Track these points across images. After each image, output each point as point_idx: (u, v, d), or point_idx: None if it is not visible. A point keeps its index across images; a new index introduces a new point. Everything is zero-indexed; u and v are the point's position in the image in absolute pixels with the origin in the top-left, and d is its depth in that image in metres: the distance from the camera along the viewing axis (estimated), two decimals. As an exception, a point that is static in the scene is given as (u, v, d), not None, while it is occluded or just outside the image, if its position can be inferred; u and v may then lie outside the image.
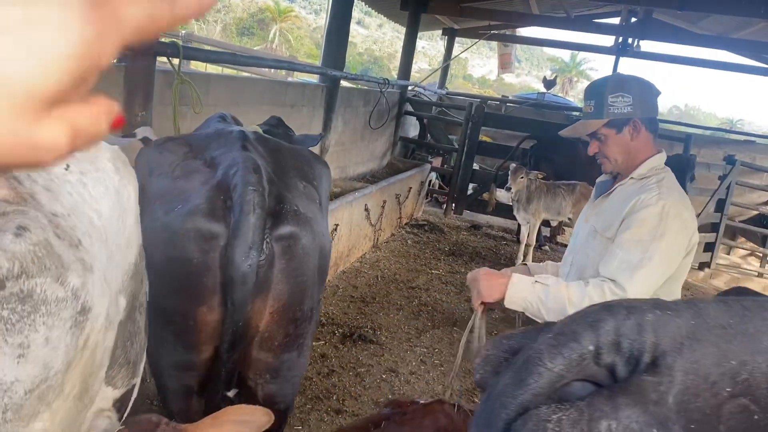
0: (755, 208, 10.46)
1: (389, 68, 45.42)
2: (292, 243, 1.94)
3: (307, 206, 2.05)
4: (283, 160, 2.20)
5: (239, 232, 1.81)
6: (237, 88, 5.63)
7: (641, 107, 2.17)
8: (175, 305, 1.95)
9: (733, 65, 11.83)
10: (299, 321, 2.02)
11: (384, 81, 8.89)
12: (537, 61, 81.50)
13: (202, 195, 1.94)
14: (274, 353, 2.02)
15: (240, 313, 1.86)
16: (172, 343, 2.00)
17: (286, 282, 1.95)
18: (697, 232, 2.17)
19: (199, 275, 1.89)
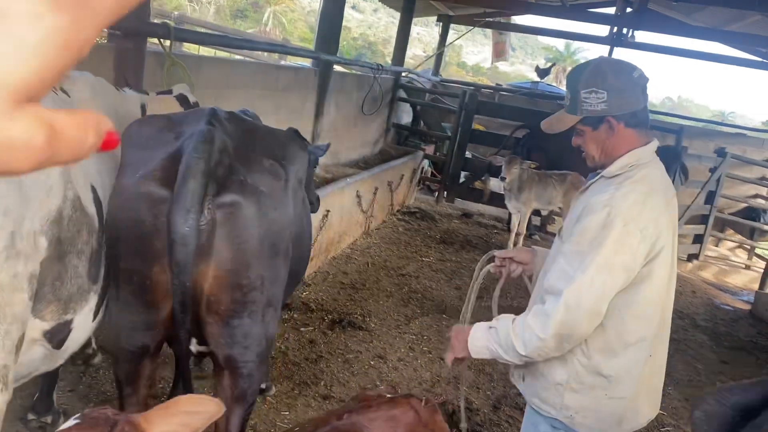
0: (744, 201, 10.53)
1: (383, 54, 45.19)
2: (234, 210, 2.03)
3: (263, 180, 2.14)
4: (252, 138, 2.30)
5: (179, 196, 1.94)
6: (229, 71, 5.58)
7: (618, 104, 2.00)
8: (133, 265, 2.10)
9: (726, 57, 11.83)
10: (246, 289, 2.11)
11: (378, 66, 8.84)
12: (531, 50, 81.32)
13: (158, 162, 2.08)
14: (221, 317, 2.12)
15: (185, 273, 1.96)
16: (132, 302, 2.14)
17: (229, 248, 2.04)
18: (669, 231, 2.01)
19: (151, 237, 2.02)
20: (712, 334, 6.42)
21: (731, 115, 48.77)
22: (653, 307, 2.07)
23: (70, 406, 3.13)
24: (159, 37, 3.88)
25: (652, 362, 2.13)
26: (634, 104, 2.02)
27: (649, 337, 2.08)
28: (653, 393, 2.21)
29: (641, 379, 2.11)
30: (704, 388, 4.97)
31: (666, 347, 2.21)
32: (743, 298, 8.64)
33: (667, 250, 2.01)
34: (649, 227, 1.93)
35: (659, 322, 2.11)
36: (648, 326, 2.08)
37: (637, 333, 2.05)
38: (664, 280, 2.07)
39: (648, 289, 2.02)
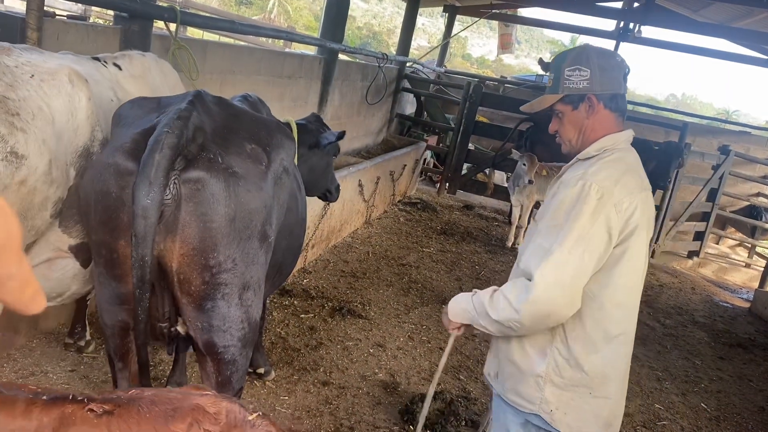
0: (746, 199, 10.52)
1: (388, 44, 45.00)
2: (199, 187, 2.00)
3: (239, 162, 2.11)
4: (237, 123, 2.27)
5: (144, 168, 1.90)
6: (234, 56, 5.56)
7: (600, 82, 1.99)
8: (102, 238, 2.08)
9: (732, 55, 11.78)
10: (215, 269, 2.08)
11: (383, 56, 8.81)
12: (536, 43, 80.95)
13: (130, 136, 2.06)
14: (194, 299, 2.10)
15: (144, 246, 1.92)
16: (104, 275, 2.13)
17: (195, 225, 2.01)
18: (644, 216, 1.95)
19: (116, 209, 2.00)
20: (711, 331, 6.43)
21: (735, 113, 48.56)
22: (632, 295, 2.03)
23: (71, 385, 3.15)
24: (165, 20, 3.87)
25: (628, 366, 2.14)
26: (615, 86, 2.02)
27: (630, 331, 2.07)
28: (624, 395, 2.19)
29: (626, 378, 2.11)
30: (701, 384, 4.99)
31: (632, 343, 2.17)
32: (742, 296, 8.66)
33: (641, 233, 1.95)
34: (623, 202, 1.90)
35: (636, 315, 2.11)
36: (629, 317, 2.06)
37: (620, 325, 2.01)
38: (639, 267, 2.01)
39: (624, 272, 1.95)
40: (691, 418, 4.40)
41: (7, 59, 2.07)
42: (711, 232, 9.64)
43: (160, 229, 1.98)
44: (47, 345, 3.47)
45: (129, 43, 3.80)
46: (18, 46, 2.29)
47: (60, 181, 2.12)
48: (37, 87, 2.05)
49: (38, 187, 2.02)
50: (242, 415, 1.37)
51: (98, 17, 9.97)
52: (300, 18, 43.39)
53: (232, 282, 2.15)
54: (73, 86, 2.17)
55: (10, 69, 2.05)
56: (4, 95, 1.93)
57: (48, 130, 2.02)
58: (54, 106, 2.08)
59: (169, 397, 1.38)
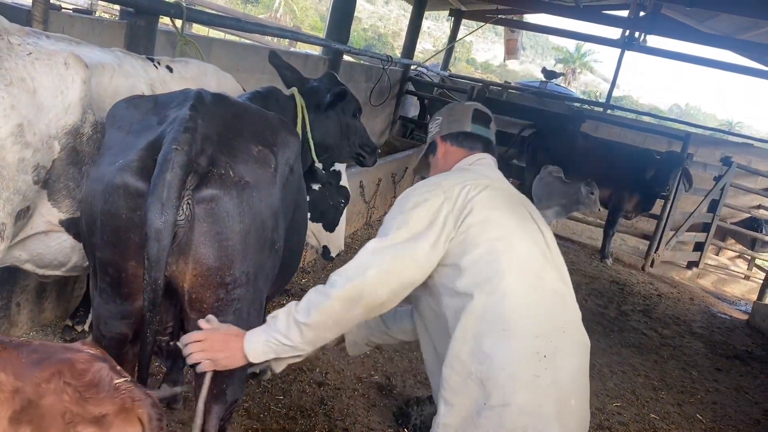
0: (747, 211, 10.51)
1: (393, 46, 45.05)
2: (213, 206, 1.93)
3: (248, 170, 2.02)
4: (240, 124, 2.18)
5: (154, 189, 1.83)
6: (239, 53, 5.57)
7: (446, 125, 2.27)
8: (109, 257, 2.00)
9: (737, 66, 11.80)
10: (230, 286, 2.02)
11: (387, 58, 8.81)
12: (542, 50, 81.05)
13: (137, 152, 1.98)
14: (205, 315, 2.02)
15: (157, 270, 1.86)
16: (108, 292, 2.05)
17: (210, 245, 1.94)
18: (510, 217, 1.97)
19: (127, 230, 1.93)
20: (708, 342, 6.43)
21: (738, 125, 48.63)
22: (518, 296, 1.87)
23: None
24: (171, 16, 3.86)
25: (554, 372, 1.84)
26: (462, 125, 2.26)
27: (531, 334, 1.85)
28: (573, 416, 1.88)
29: (541, 388, 1.81)
30: (697, 395, 4.98)
31: (575, 364, 1.92)
32: (741, 308, 8.66)
33: (501, 230, 1.93)
34: (454, 189, 1.97)
35: (546, 325, 1.88)
36: (521, 314, 1.86)
37: (511, 323, 1.84)
38: (521, 270, 1.91)
39: (486, 263, 1.89)
40: (687, 428, 4.39)
41: (16, 39, 2.26)
42: (711, 243, 9.64)
43: (173, 250, 1.91)
44: (44, 337, 3.47)
45: (134, 39, 3.80)
46: (51, 34, 2.47)
47: (38, 147, 2.23)
48: (28, 63, 2.22)
49: (6, 146, 2.13)
50: (108, 378, 1.46)
51: (104, 12, 9.99)
52: (306, 18, 43.43)
53: (245, 296, 2.08)
54: (67, 68, 2.31)
55: (12, 45, 2.22)
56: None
57: (23, 98, 2.17)
58: (40, 80, 2.24)
59: (50, 348, 1.50)
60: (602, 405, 4.38)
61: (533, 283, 1.93)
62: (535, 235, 2.04)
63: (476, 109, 2.31)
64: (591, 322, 6.05)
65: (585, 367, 1.98)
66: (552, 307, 1.94)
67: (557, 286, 2.00)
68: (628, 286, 7.78)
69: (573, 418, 1.87)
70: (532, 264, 1.96)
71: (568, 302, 2.03)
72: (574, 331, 1.98)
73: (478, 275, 1.89)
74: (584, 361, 1.99)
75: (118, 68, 2.65)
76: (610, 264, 8.68)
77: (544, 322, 1.89)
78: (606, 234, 8.70)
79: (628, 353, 5.50)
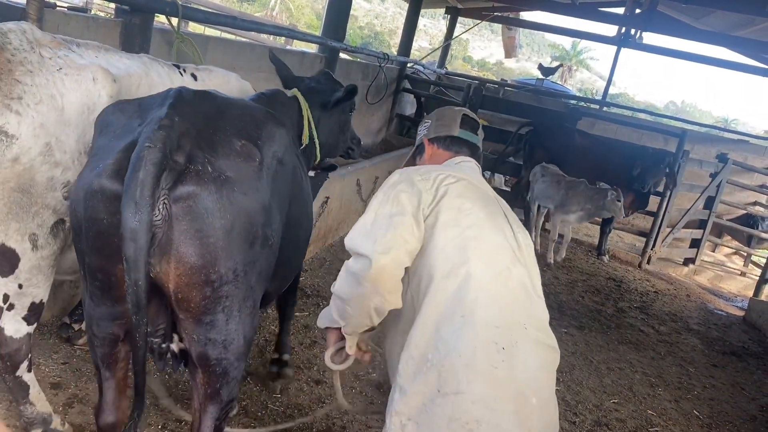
0: (743, 208, 10.54)
1: (389, 44, 45.02)
2: (191, 203, 1.89)
3: (230, 165, 1.99)
4: (222, 119, 2.14)
5: (128, 189, 1.80)
6: (235, 52, 5.56)
7: (434, 128, 2.35)
8: (96, 262, 2.00)
9: (733, 63, 11.82)
10: (216, 284, 1.99)
11: (384, 56, 8.81)
12: (538, 47, 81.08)
13: (113, 155, 1.95)
14: (193, 314, 2.02)
15: (136, 271, 1.84)
16: (98, 295, 2.05)
17: (191, 244, 1.91)
18: (479, 209, 1.99)
19: (110, 235, 1.90)
20: (705, 339, 6.44)
21: (734, 122, 48.74)
22: (485, 292, 1.87)
23: (63, 378, 3.14)
24: (167, 14, 3.86)
25: (512, 366, 1.81)
26: (451, 129, 2.33)
27: (490, 323, 1.83)
28: (534, 415, 1.81)
29: (498, 380, 1.79)
30: (694, 391, 5.00)
31: (535, 362, 1.88)
32: (737, 305, 8.68)
33: (471, 219, 1.96)
34: (431, 173, 2.05)
35: (507, 317, 1.87)
36: (485, 308, 1.85)
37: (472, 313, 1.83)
38: (486, 264, 1.91)
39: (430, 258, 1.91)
40: (684, 425, 4.40)
41: (48, 51, 2.29)
42: (707, 239, 9.66)
43: (154, 251, 1.90)
44: (40, 337, 3.45)
45: (129, 37, 3.79)
46: (81, 42, 2.51)
47: (68, 165, 2.29)
48: (58, 78, 2.25)
49: (35, 166, 2.19)
50: None
51: (99, 10, 9.96)
52: (302, 16, 43.38)
53: (233, 294, 2.06)
54: (95, 83, 2.36)
55: (43, 59, 2.25)
56: (17, 79, 2.15)
57: (52, 116, 2.21)
58: (69, 97, 2.27)
59: None
60: (600, 402, 4.39)
61: (498, 274, 1.92)
62: (506, 232, 2.04)
63: (465, 114, 2.37)
64: (588, 319, 6.06)
65: (549, 367, 1.94)
66: (516, 301, 1.93)
67: (525, 283, 1.99)
68: (624, 283, 7.80)
69: (534, 417, 1.81)
70: (499, 256, 1.96)
71: (535, 301, 2.00)
72: (537, 330, 1.94)
73: (444, 260, 1.89)
74: (548, 362, 1.94)
75: (145, 77, 2.69)
76: (606, 261, 8.70)
77: (505, 314, 1.87)
78: (603, 231, 8.71)
79: (625, 350, 5.51)
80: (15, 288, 2.32)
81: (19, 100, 2.13)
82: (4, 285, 2.29)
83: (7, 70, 2.13)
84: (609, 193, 7.29)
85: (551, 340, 1.99)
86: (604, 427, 4.06)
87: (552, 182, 7.68)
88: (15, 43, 2.20)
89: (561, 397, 4.30)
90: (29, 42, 2.24)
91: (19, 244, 2.26)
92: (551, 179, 7.70)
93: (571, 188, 7.51)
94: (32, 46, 2.24)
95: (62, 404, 2.94)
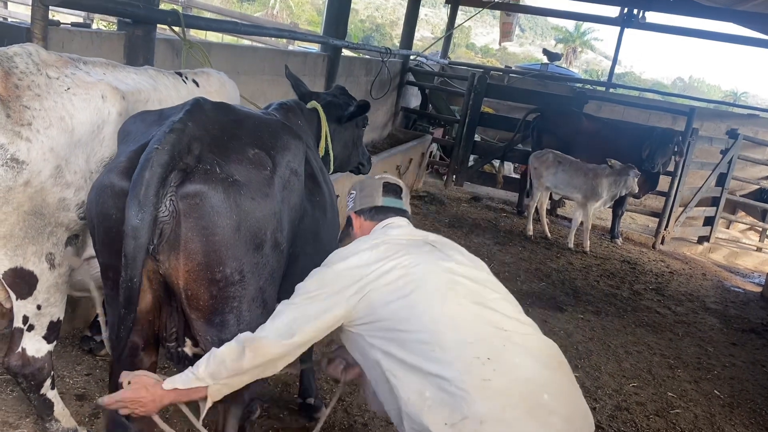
0: (756, 183, 10.45)
1: (391, 36, 44.89)
2: (198, 201, 1.95)
3: (240, 170, 2.05)
4: (238, 128, 2.20)
5: (133, 187, 1.86)
6: (238, 56, 5.58)
7: (359, 201, 2.39)
8: (107, 261, 2.06)
9: (738, 37, 11.69)
10: (222, 283, 2.03)
11: (386, 50, 8.80)
12: (541, 31, 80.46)
13: (126, 154, 2.04)
14: (203, 314, 2.06)
15: (132, 267, 1.88)
16: (113, 297, 2.08)
17: (197, 240, 1.97)
18: (422, 259, 2.06)
19: (119, 231, 1.92)
20: (723, 317, 6.42)
21: (743, 95, 48.17)
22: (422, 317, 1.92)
23: (87, 389, 3.19)
24: (169, 24, 3.89)
25: (507, 372, 1.83)
26: (374, 200, 2.37)
27: (462, 342, 1.87)
28: (552, 410, 1.81)
29: (498, 391, 1.79)
30: (714, 371, 4.99)
31: (530, 362, 1.89)
32: (754, 281, 8.63)
33: (406, 272, 2.01)
34: (364, 251, 2.10)
35: (477, 330, 1.90)
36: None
37: None
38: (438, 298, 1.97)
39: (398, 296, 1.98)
40: (705, 405, 4.40)
41: (54, 72, 2.28)
42: (721, 217, 9.59)
43: (163, 247, 1.95)
44: (63, 349, 3.51)
45: (133, 49, 3.82)
46: (88, 59, 2.51)
47: (80, 185, 2.31)
48: (66, 99, 2.25)
49: (47, 188, 2.21)
50: None
51: (102, 21, 10.01)
52: (302, 13, 43.31)
53: (241, 295, 2.10)
54: (104, 101, 2.36)
55: (50, 80, 2.25)
56: (26, 105, 2.15)
57: (62, 139, 2.22)
58: (78, 117, 2.27)
59: None
60: (619, 386, 4.40)
61: (444, 298, 1.96)
62: (439, 261, 2.09)
63: (385, 182, 2.41)
64: (604, 304, 6.06)
65: (549, 358, 1.95)
66: (480, 312, 1.96)
67: (476, 291, 2.03)
68: (639, 265, 7.78)
69: (552, 411, 1.81)
70: (441, 283, 2.00)
71: (496, 303, 2.03)
72: (517, 326, 1.98)
73: (395, 312, 1.95)
74: (545, 354, 1.96)
75: (153, 91, 2.71)
76: (620, 244, 8.67)
77: (473, 329, 1.91)
78: (615, 214, 8.68)
79: (642, 333, 5.50)
80: (34, 309, 2.36)
81: (29, 126, 2.13)
82: (23, 306, 2.33)
83: (15, 96, 2.13)
84: (631, 172, 7.41)
85: (539, 339, 2.02)
86: (624, 412, 4.07)
87: (574, 171, 7.63)
88: (21, 67, 2.18)
89: (581, 383, 4.28)
90: (35, 64, 2.23)
91: (36, 266, 2.29)
92: (571, 168, 7.65)
93: (597, 176, 7.53)
94: (39, 68, 2.23)
95: (88, 415, 3.00)
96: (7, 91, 2.12)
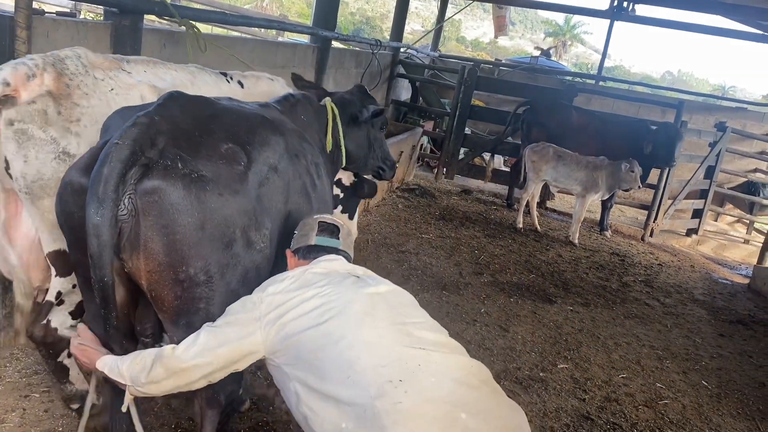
0: (744, 176, 10.53)
1: (381, 29, 44.73)
2: (156, 198, 1.87)
3: (208, 165, 1.98)
4: (213, 123, 2.14)
5: (92, 184, 1.81)
6: (227, 47, 5.52)
7: (295, 240, 2.36)
8: (77, 258, 2.02)
9: (727, 30, 11.72)
10: (186, 284, 1.97)
11: (376, 42, 8.77)
12: (531, 24, 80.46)
13: (90, 150, 2.02)
14: (169, 315, 2.02)
15: (100, 267, 1.84)
16: (86, 293, 2.09)
17: (157, 240, 1.90)
18: (337, 296, 2.01)
19: (82, 229, 1.86)
20: (710, 308, 6.47)
21: (731, 89, 48.46)
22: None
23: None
24: (156, 14, 3.85)
25: (420, 392, 1.78)
26: (307, 240, 2.33)
27: (374, 365, 1.83)
28: (470, 430, 1.73)
29: (409, 413, 1.73)
30: (701, 362, 5.03)
31: (446, 383, 1.83)
32: (742, 273, 8.70)
33: (324, 307, 1.98)
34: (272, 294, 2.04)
35: (391, 352, 1.88)
36: None
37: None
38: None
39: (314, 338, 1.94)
40: (693, 395, 4.43)
41: (100, 73, 2.50)
42: (709, 209, 9.66)
43: (125, 246, 1.90)
44: (50, 343, 3.48)
45: (120, 39, 3.78)
46: (131, 58, 2.71)
47: None
48: (111, 98, 2.46)
49: None
50: None
51: (89, 11, 9.90)
52: (292, 5, 43.08)
53: (208, 296, 2.03)
54: (143, 102, 2.53)
55: (97, 81, 2.45)
56: (76, 102, 2.36)
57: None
58: None
59: None
60: (608, 377, 4.42)
61: (362, 323, 1.93)
62: (356, 290, 2.06)
63: (321, 221, 2.38)
64: (593, 295, 6.08)
65: (468, 377, 1.88)
66: (397, 335, 1.93)
67: (393, 314, 2.02)
68: (628, 257, 7.81)
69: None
70: (359, 312, 1.97)
71: (415, 322, 2.03)
72: (444, 350, 1.95)
73: (311, 344, 1.91)
74: (464, 373, 1.89)
75: (191, 86, 2.85)
76: (609, 236, 8.71)
77: (387, 351, 1.87)
78: (604, 206, 8.71)
79: (631, 324, 5.53)
80: (68, 287, 2.49)
81: (77, 122, 2.35)
82: (60, 284, 2.47)
83: (66, 94, 2.34)
84: (622, 164, 7.46)
85: (460, 351, 2.01)
86: (614, 403, 4.09)
87: (575, 164, 7.66)
88: (72, 68, 2.39)
89: (570, 374, 4.33)
90: (84, 66, 2.44)
91: None
92: (572, 161, 7.67)
93: (596, 169, 7.59)
94: (87, 69, 2.44)
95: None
96: (59, 90, 2.32)
